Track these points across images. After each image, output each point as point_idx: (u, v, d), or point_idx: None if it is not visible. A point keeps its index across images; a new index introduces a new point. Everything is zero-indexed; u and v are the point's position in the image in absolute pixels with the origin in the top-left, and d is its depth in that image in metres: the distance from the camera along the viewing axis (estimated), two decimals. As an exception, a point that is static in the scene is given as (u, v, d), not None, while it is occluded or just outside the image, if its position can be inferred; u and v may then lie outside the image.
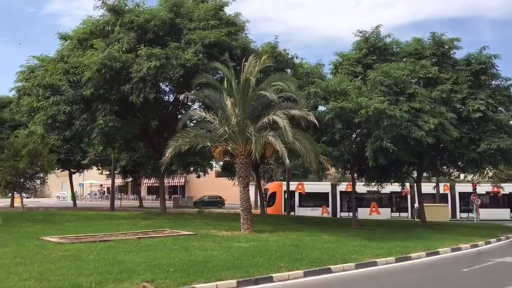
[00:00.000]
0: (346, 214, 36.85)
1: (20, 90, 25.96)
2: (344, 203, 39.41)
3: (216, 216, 28.15)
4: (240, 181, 19.10)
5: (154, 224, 20.81)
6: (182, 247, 13.49)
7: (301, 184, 39.50)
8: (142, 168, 43.91)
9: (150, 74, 20.51)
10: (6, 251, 12.22)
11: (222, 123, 18.76)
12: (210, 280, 9.40)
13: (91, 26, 23.43)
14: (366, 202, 39.23)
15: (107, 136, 23.84)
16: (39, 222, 20.53)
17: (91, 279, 8.82)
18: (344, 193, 38.73)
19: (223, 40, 22.04)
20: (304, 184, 40.09)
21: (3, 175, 30.50)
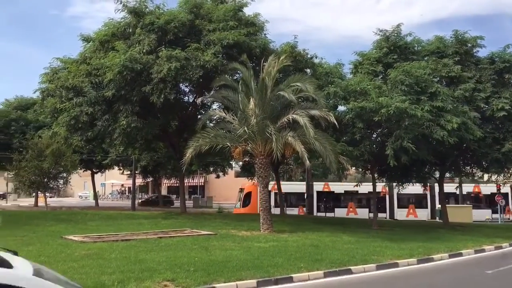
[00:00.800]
0: (323, 214, 36.56)
1: (44, 91, 26.49)
2: (321, 203, 39.08)
3: (236, 216, 28.24)
4: (260, 181, 19.12)
5: (175, 223, 20.99)
6: (202, 247, 13.57)
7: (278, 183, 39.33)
8: (162, 168, 44.33)
9: (170, 75, 20.72)
10: (31, 249, 12.46)
11: (242, 123, 18.81)
12: (230, 280, 9.43)
13: (112, 28, 23.78)
14: (344, 202, 38.90)
15: (128, 137, 24.15)
16: (63, 221, 20.89)
17: (114, 278, 8.94)
18: (320, 193, 38.78)
19: (242, 40, 22.12)
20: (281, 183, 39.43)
21: (27, 175, 31.22)
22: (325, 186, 39.05)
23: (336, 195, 38.73)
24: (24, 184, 32.29)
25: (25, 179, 31.65)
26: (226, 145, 19.05)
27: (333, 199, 39.01)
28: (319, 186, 38.82)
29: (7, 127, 43.05)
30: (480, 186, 39.75)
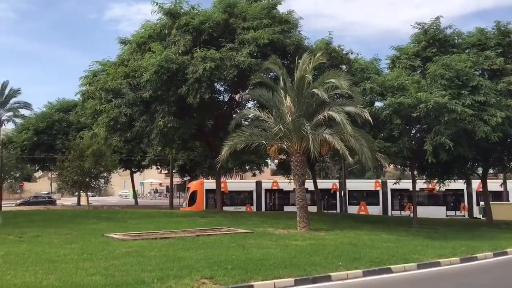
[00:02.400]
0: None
1: (84, 94, 27.25)
2: (270, 202, 38.60)
3: (272, 214, 28.25)
4: (296, 179, 19.02)
5: (212, 222, 21.18)
6: (239, 245, 13.62)
7: (224, 183, 38.27)
8: (199, 167, 44.84)
9: (205, 75, 20.92)
10: (74, 247, 12.87)
11: (277, 121, 18.77)
12: (268, 278, 9.41)
13: (149, 30, 24.20)
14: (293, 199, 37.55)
15: (165, 137, 24.52)
16: (104, 219, 21.45)
17: (153, 275, 9.09)
18: (269, 191, 38.36)
19: (276, 38, 22.07)
20: (227, 182, 39.64)
21: (70, 175, 32.29)
22: (273, 184, 38.73)
23: (285, 193, 37.66)
24: (67, 184, 33.40)
25: (68, 179, 32.73)
26: (262, 143, 19.05)
27: (282, 197, 38.51)
28: (268, 184, 38.55)
29: (50, 129, 44.70)
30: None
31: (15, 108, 51.97)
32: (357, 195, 38.55)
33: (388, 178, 43.76)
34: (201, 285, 8.71)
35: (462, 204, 37.50)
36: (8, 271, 9.21)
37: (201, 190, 36.94)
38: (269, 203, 38.44)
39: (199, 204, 36.35)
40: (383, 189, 37.62)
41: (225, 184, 37.88)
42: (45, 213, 27.25)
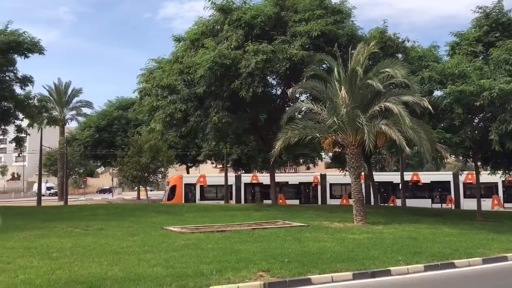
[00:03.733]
0: None
1: (141, 91, 28.15)
2: (249, 196, 38.41)
3: (328, 207, 27.97)
4: (351, 171, 18.69)
5: (267, 215, 21.25)
6: (295, 238, 13.58)
7: (203, 177, 38.99)
8: (253, 161, 45.13)
9: (257, 68, 20.96)
10: (136, 239, 13.33)
11: (331, 113, 18.49)
12: (325, 272, 9.31)
13: (201, 27, 24.55)
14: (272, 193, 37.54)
15: (219, 131, 24.85)
16: (162, 213, 22.07)
17: (212, 267, 9.24)
18: (248, 185, 38.29)
19: (329, 30, 21.73)
20: (206, 176, 39.59)
21: (129, 170, 33.51)
22: (253, 178, 38.77)
23: (265, 187, 37.00)
24: (127, 179, 34.70)
25: (127, 174, 34.00)
26: (316, 136, 18.85)
27: (262, 191, 38.17)
28: (247, 178, 38.61)
29: (111, 126, 46.60)
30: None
31: (78, 107, 54.48)
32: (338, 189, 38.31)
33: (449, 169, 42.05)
34: (258, 278, 8.75)
35: (449, 196, 36.60)
36: (76, 262, 9.67)
37: (180, 184, 37.54)
38: (248, 197, 38.59)
39: (178, 198, 37.01)
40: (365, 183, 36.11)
41: (204, 179, 38.81)
42: (107, 207, 28.44)
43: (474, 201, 32.60)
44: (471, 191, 35.59)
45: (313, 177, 38.63)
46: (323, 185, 37.58)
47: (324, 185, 37.57)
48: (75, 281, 7.99)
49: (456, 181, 36.46)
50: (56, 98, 51.94)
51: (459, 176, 35.59)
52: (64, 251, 11.12)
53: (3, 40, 24.10)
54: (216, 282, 8.31)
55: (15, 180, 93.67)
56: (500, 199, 35.66)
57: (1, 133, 28.47)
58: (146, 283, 8.02)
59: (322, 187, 37.61)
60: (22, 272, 8.59)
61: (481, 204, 23.18)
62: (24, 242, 12.56)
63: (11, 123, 27.60)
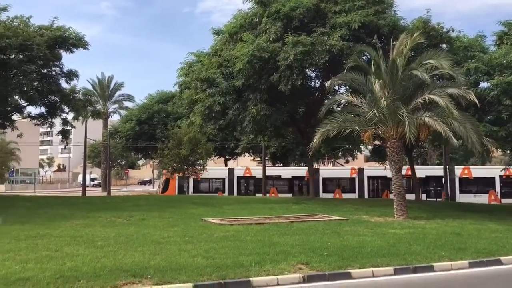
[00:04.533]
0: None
1: (181, 84, 28.52)
2: (242, 188, 39.11)
3: (367, 201, 27.59)
4: (392, 165, 18.33)
5: (305, 208, 21.18)
6: (334, 232, 13.48)
7: None
8: (291, 154, 44.99)
9: (296, 60, 20.82)
10: (176, 230, 13.59)
11: (371, 106, 18.16)
12: (365, 266, 9.21)
13: (240, 20, 24.56)
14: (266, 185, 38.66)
15: (257, 124, 24.88)
16: (202, 205, 22.36)
17: (251, 259, 9.31)
18: (241, 178, 39.31)
19: (369, 20, 21.31)
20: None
21: (169, 162, 34.08)
22: (246, 171, 39.52)
23: (258, 180, 38.36)
24: (167, 171, 35.25)
25: (167, 166, 34.56)
26: (355, 129, 18.58)
27: (254, 184, 39.14)
28: (240, 172, 39.87)
29: (151, 119, 47.56)
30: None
31: (120, 101, 55.97)
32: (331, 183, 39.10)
33: (495, 164, 40.71)
34: (297, 270, 8.75)
35: (443, 192, 36.04)
36: (120, 251, 9.96)
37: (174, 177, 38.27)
38: (241, 190, 39.15)
39: (171, 190, 38.19)
40: (359, 176, 37.77)
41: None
42: (148, 198, 29.11)
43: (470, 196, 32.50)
44: (467, 186, 36.14)
45: (306, 171, 38.59)
46: (316, 179, 37.56)
47: (317, 179, 37.71)
48: (119, 269, 8.23)
49: (451, 176, 36.12)
50: (100, 92, 53.49)
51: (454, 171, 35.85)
52: (108, 240, 11.48)
53: (50, 36, 24.93)
54: (255, 274, 8.37)
55: (61, 171, 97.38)
56: (497, 194, 35.23)
57: (48, 126, 29.54)
58: (187, 272, 8.17)
59: (315, 180, 37.36)
60: (69, 260, 8.92)
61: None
62: (70, 231, 13.04)
63: (57, 116, 28.56)
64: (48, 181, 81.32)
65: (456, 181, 36.03)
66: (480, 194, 33.66)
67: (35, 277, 7.53)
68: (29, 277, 7.52)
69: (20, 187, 63.36)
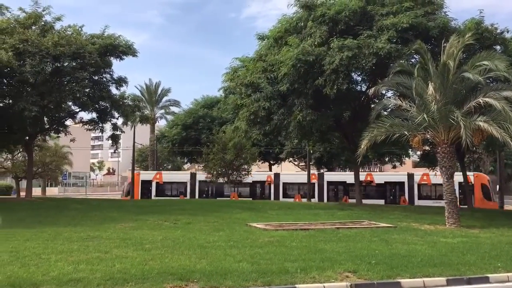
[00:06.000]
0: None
1: (226, 89, 28.78)
2: (203, 193, 39.60)
3: (416, 208, 26.77)
4: (443, 171, 17.68)
5: (351, 215, 20.80)
6: (382, 240, 13.12)
7: (159, 174, 41.47)
8: (336, 159, 44.43)
9: (342, 65, 20.54)
10: (221, 234, 13.65)
11: (420, 110, 17.62)
12: (416, 276, 8.87)
13: (285, 24, 24.52)
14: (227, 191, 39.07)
15: (303, 129, 24.71)
16: (246, 209, 22.40)
17: (296, 265, 9.18)
18: (203, 182, 39.41)
19: (418, 22, 20.73)
20: (162, 173, 42.33)
21: (214, 167, 34.43)
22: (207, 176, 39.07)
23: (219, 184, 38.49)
24: (212, 175, 35.63)
25: (212, 170, 34.93)
26: (404, 134, 18.08)
27: (215, 187, 39.53)
28: (202, 176, 39.48)
29: (196, 124, 48.34)
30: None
31: (166, 106, 57.05)
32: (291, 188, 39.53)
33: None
34: (344, 279, 8.55)
35: (403, 197, 36.79)
36: (167, 254, 10.10)
37: (137, 181, 38.92)
38: (203, 194, 39.62)
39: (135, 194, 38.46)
40: (319, 182, 38.12)
41: (160, 175, 41.02)
42: (194, 202, 29.49)
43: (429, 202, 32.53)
44: (426, 192, 36.50)
45: (267, 176, 40.28)
46: (276, 184, 38.76)
47: (277, 184, 38.68)
48: (166, 272, 8.33)
49: (410, 182, 36.85)
50: (147, 97, 54.80)
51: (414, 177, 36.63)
52: (156, 243, 11.68)
53: (101, 44, 25.82)
54: (301, 281, 8.24)
55: (111, 175, 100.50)
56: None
57: (99, 131, 30.54)
58: (233, 277, 8.15)
59: (276, 185, 38.77)
60: (118, 262, 9.12)
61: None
62: (119, 233, 13.37)
63: (108, 121, 29.48)
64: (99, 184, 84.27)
65: (415, 187, 36.69)
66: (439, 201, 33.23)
67: (86, 278, 7.74)
68: (81, 278, 7.73)
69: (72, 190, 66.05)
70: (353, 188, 36.30)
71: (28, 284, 7.35)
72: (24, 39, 22.48)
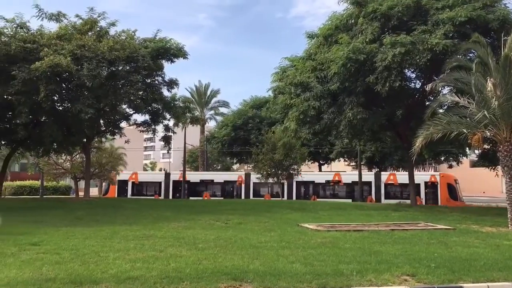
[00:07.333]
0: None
1: (275, 90, 28.73)
2: (177, 192, 40.62)
3: (476, 210, 25.61)
4: (505, 171, 16.74)
5: (406, 216, 20.18)
6: (441, 242, 12.57)
7: (135, 174, 42.92)
8: (388, 158, 43.35)
9: (395, 61, 19.98)
10: (273, 235, 13.56)
11: (480, 107, 16.77)
12: (480, 280, 8.39)
13: (335, 21, 24.16)
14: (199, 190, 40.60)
15: (354, 128, 24.29)
16: (297, 210, 22.24)
17: (351, 267, 8.94)
18: (176, 182, 41.03)
19: (477, 15, 19.81)
20: (138, 173, 43.76)
21: (264, 167, 34.47)
22: (181, 176, 41.06)
23: (192, 184, 40.85)
24: (262, 175, 35.70)
25: (262, 171, 34.99)
26: (462, 132, 17.27)
27: (188, 187, 40.84)
28: (176, 176, 41.88)
29: (246, 125, 48.67)
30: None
31: (216, 107, 57.87)
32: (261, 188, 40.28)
33: None
34: (403, 282, 8.23)
35: (369, 196, 37.27)
36: (219, 254, 10.13)
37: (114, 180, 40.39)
38: (176, 194, 40.76)
39: (112, 193, 40.94)
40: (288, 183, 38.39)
41: (135, 175, 42.79)
42: (244, 202, 29.66)
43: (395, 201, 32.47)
44: (393, 191, 37.34)
45: (238, 176, 41.69)
46: (247, 184, 39.41)
47: (248, 184, 39.63)
48: (220, 272, 8.34)
49: (377, 182, 37.40)
50: (197, 99, 55.75)
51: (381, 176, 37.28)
52: (209, 242, 11.76)
53: (153, 48, 26.49)
54: (357, 283, 8.00)
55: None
56: (422, 200, 35.72)
57: (152, 132, 31.37)
58: (286, 279, 8.03)
59: (246, 185, 39.39)
60: (173, 261, 9.24)
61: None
62: (173, 233, 13.59)
63: (160, 123, 30.23)
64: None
65: (382, 187, 37.24)
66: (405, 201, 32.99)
67: (143, 277, 7.87)
68: (138, 276, 7.88)
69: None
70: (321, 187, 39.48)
71: (88, 281, 7.56)
72: (81, 45, 23.42)
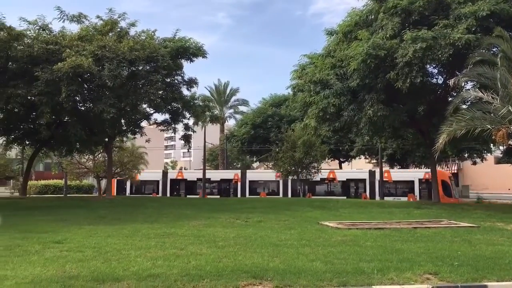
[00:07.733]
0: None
1: (294, 87, 28.61)
2: (174, 191, 41.64)
3: (500, 207, 25.08)
4: (531, 168, 16.37)
5: (428, 213, 19.89)
6: (464, 240, 12.34)
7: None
8: (410, 156, 42.79)
9: (416, 57, 19.68)
10: (293, 233, 13.51)
11: (504, 102, 16.43)
12: (505, 279, 8.20)
13: (355, 17, 23.93)
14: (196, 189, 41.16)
15: (374, 125, 24.03)
16: (317, 208, 22.13)
17: (372, 266, 8.84)
18: (174, 180, 42.19)
19: (500, 8, 19.36)
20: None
21: (284, 165, 34.43)
22: (178, 174, 42.85)
23: (189, 182, 41.96)
24: (282, 173, 35.67)
25: (282, 168, 34.96)
26: (486, 128, 16.94)
27: (186, 186, 42.00)
28: (173, 174, 43.47)
29: (265, 123, 48.66)
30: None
31: (235, 106, 57.93)
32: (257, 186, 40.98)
33: None
34: (425, 281, 8.10)
35: (364, 194, 37.50)
36: (239, 252, 10.14)
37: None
38: (174, 192, 41.56)
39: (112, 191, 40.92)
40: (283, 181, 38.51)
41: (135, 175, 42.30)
42: (264, 200, 29.66)
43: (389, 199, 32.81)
44: (387, 189, 37.63)
45: (234, 174, 42.07)
46: (243, 182, 39.81)
47: (244, 182, 40.21)
48: (240, 270, 8.35)
49: (371, 179, 37.52)
50: (216, 97, 55.91)
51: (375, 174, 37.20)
52: (229, 240, 11.79)
53: (172, 47, 26.66)
54: (378, 282, 7.90)
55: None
56: (416, 197, 35.71)
57: (172, 131, 31.58)
58: (307, 277, 7.99)
59: (242, 183, 39.76)
60: (193, 258, 9.28)
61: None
62: (194, 231, 13.67)
63: (180, 122, 30.42)
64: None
65: (376, 184, 37.05)
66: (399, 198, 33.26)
67: (164, 274, 7.93)
68: (159, 274, 7.94)
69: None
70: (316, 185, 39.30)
71: (110, 278, 7.65)
72: (102, 46, 23.72)
